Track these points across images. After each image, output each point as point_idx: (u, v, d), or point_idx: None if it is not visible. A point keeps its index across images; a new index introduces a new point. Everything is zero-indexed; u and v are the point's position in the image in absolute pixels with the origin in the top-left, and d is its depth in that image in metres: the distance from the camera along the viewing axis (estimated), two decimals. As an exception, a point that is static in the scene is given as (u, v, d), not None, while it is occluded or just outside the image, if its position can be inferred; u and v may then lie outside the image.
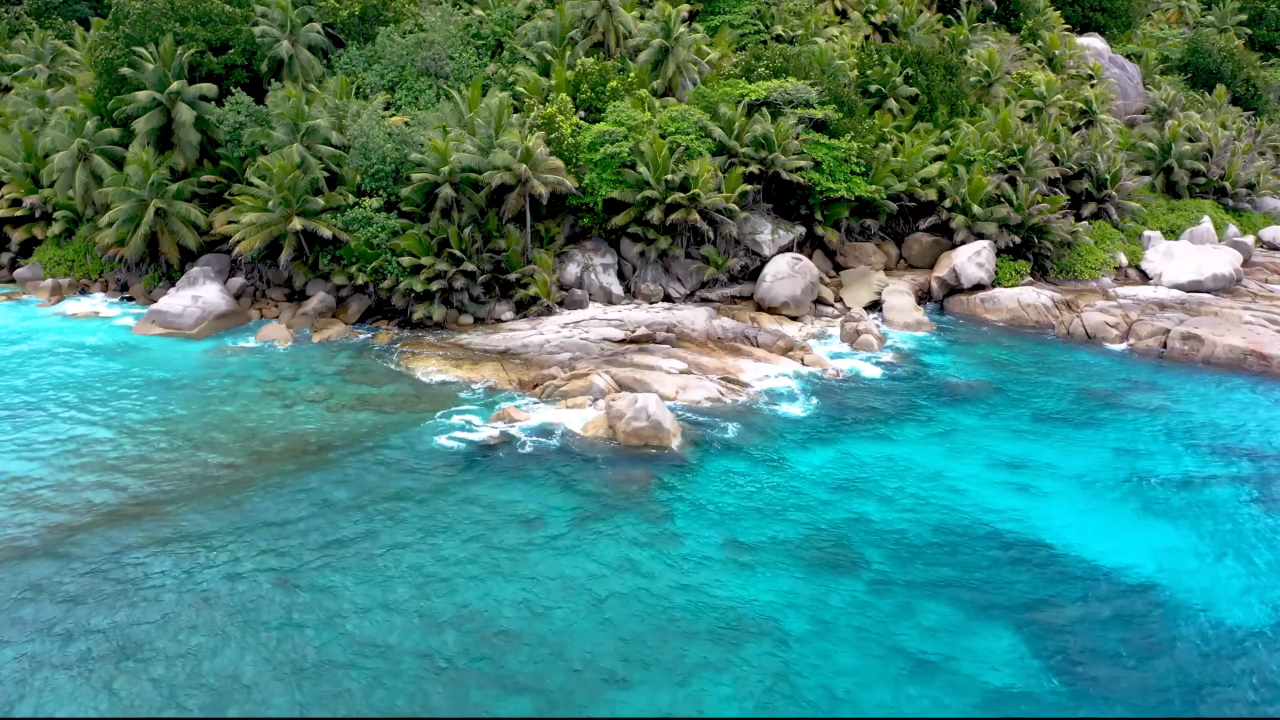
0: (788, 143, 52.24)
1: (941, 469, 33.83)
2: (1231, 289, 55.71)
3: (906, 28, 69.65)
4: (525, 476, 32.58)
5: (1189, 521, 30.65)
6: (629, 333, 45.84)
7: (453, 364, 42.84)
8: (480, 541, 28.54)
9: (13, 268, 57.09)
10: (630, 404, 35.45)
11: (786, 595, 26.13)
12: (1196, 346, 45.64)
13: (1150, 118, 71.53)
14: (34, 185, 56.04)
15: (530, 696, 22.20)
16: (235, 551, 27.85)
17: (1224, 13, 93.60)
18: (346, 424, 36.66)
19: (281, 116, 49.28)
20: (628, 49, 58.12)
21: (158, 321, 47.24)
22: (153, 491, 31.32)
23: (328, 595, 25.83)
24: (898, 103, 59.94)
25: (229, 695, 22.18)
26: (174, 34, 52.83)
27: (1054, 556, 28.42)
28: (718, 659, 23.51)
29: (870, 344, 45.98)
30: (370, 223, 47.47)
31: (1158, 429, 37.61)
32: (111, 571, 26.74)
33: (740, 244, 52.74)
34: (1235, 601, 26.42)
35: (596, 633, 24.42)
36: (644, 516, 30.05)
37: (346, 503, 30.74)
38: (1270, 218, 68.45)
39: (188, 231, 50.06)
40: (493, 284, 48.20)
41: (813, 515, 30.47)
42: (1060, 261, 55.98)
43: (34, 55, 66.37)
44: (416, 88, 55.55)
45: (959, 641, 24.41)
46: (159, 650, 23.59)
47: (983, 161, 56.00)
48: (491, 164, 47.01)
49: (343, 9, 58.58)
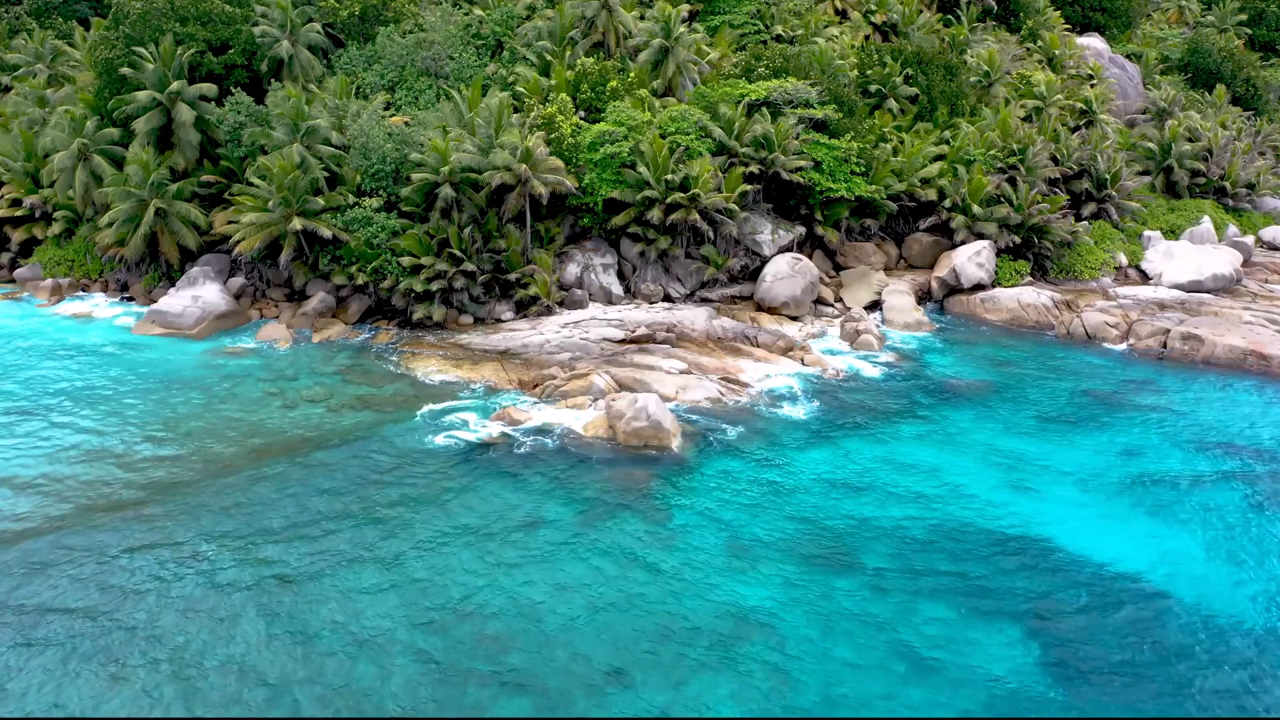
0: (788, 143, 52.23)
1: (941, 469, 33.84)
2: (1231, 289, 55.69)
3: (906, 28, 69.66)
4: (525, 477, 32.59)
5: (1189, 521, 30.65)
6: (629, 333, 45.85)
7: (453, 364, 42.84)
8: (480, 541, 28.55)
9: (13, 268, 57.10)
10: (630, 404, 35.45)
11: (786, 595, 26.13)
12: (1196, 346, 45.64)
13: (1150, 118, 71.52)
14: (34, 185, 56.04)
15: (529, 696, 22.21)
16: (232, 551, 27.85)
17: (1224, 13, 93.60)
18: (346, 424, 36.67)
19: (281, 116, 49.29)
20: (628, 49, 58.12)
21: (158, 321, 47.25)
22: (151, 492, 31.32)
23: (325, 595, 25.84)
24: (898, 103, 59.94)
25: (226, 695, 22.19)
26: (174, 34, 52.83)
27: (1054, 556, 28.42)
28: (717, 659, 23.51)
29: (870, 344, 45.98)
30: (370, 223, 47.48)
31: (1158, 429, 37.61)
32: (99, 570, 26.73)
33: (740, 244, 52.73)
34: (1235, 601, 26.43)
35: (596, 632, 24.42)
36: (644, 517, 30.06)
37: (345, 503, 30.75)
38: (1270, 218, 68.45)
39: (188, 231, 50.07)
40: (493, 284, 48.20)
41: (813, 515, 30.47)
42: (1060, 261, 55.98)
43: (34, 55, 66.38)
44: (416, 88, 55.55)
45: (959, 641, 24.41)
46: (143, 652, 23.58)
47: (983, 161, 55.99)
48: (491, 164, 47.01)
49: (343, 9, 58.60)
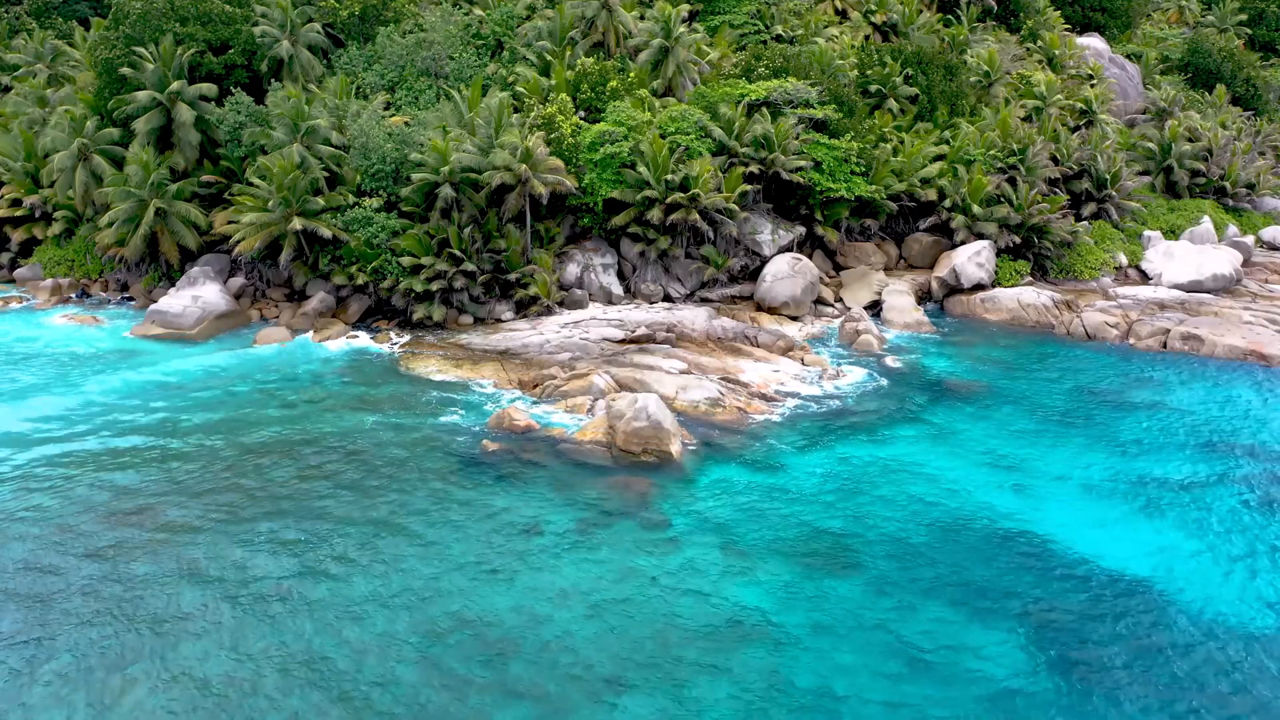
0: (788, 143, 52.22)
1: (941, 469, 33.82)
2: (1231, 289, 55.68)
3: (906, 28, 69.66)
4: (525, 477, 32.57)
5: (1190, 521, 30.64)
6: (629, 333, 45.85)
7: (452, 364, 42.84)
8: (479, 542, 28.52)
9: (13, 268, 57.16)
10: (630, 404, 35.43)
11: (785, 596, 26.11)
12: (1196, 346, 45.65)
13: (1150, 118, 71.51)
14: (34, 185, 56.06)
15: (528, 701, 22.19)
16: (227, 555, 27.79)
17: (1224, 13, 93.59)
18: (345, 424, 36.65)
19: (281, 116, 49.29)
20: (628, 49, 58.11)
21: (157, 321, 47.24)
22: (148, 492, 31.29)
23: (322, 599, 25.79)
24: (898, 103, 59.93)
25: (222, 704, 22.18)
26: (174, 34, 52.83)
27: (1053, 556, 28.41)
28: (716, 661, 23.50)
29: (870, 344, 45.97)
30: (370, 223, 47.47)
31: (1158, 429, 37.60)
32: (98, 574, 26.72)
33: (740, 244, 52.73)
34: (1235, 601, 26.41)
35: (595, 636, 24.39)
36: (643, 517, 30.03)
37: (343, 504, 30.72)
38: (1270, 218, 68.46)
39: (188, 231, 50.07)
40: (493, 284, 48.21)
41: (812, 515, 30.45)
42: (1060, 261, 55.98)
43: (34, 55, 66.40)
44: (416, 88, 55.54)
45: (958, 642, 24.40)
46: (134, 657, 23.57)
47: (983, 161, 55.98)
48: (491, 164, 47.01)
49: (343, 9, 58.59)
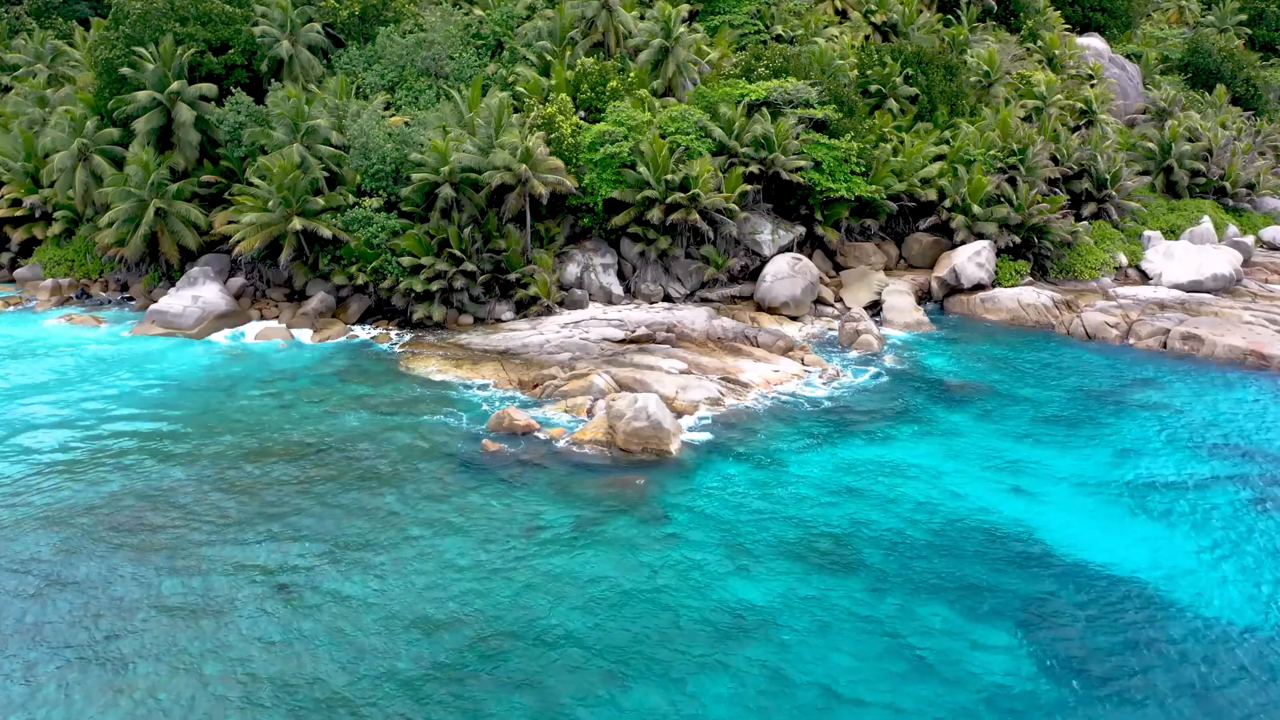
0: (788, 143, 52.24)
1: (941, 469, 33.80)
2: (1231, 289, 55.69)
3: (906, 28, 69.68)
4: (524, 477, 32.57)
5: (1189, 522, 30.62)
6: (629, 333, 45.85)
7: (452, 364, 42.84)
8: (478, 541, 28.52)
9: (13, 268, 57.20)
10: (630, 404, 35.43)
11: (784, 595, 26.11)
12: (1196, 346, 45.65)
13: (1150, 118, 71.53)
14: (34, 185, 56.07)
15: (527, 696, 22.20)
16: (226, 554, 27.81)
17: (1224, 13, 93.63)
18: (345, 425, 36.65)
19: (281, 116, 49.32)
20: (628, 49, 58.13)
21: (157, 321, 47.27)
22: (147, 492, 31.30)
23: (322, 597, 25.80)
24: (898, 103, 59.95)
25: (221, 701, 22.18)
26: (174, 34, 52.86)
27: (1053, 557, 28.40)
28: (716, 658, 23.50)
29: (870, 344, 45.97)
30: (370, 223, 47.49)
31: (1157, 429, 37.58)
32: (89, 575, 26.72)
33: (740, 244, 52.74)
34: (1234, 601, 26.40)
35: (595, 632, 24.40)
36: (642, 517, 30.03)
37: (343, 504, 30.72)
38: (1270, 218, 68.49)
39: (188, 231, 50.08)
40: (493, 284, 48.22)
41: (811, 515, 30.45)
42: (1060, 261, 55.99)
43: (34, 55, 66.43)
44: (416, 88, 55.56)
45: (958, 642, 24.38)
46: (136, 654, 23.60)
47: (983, 161, 56.00)
48: (491, 164, 47.02)
49: (343, 9, 58.63)
